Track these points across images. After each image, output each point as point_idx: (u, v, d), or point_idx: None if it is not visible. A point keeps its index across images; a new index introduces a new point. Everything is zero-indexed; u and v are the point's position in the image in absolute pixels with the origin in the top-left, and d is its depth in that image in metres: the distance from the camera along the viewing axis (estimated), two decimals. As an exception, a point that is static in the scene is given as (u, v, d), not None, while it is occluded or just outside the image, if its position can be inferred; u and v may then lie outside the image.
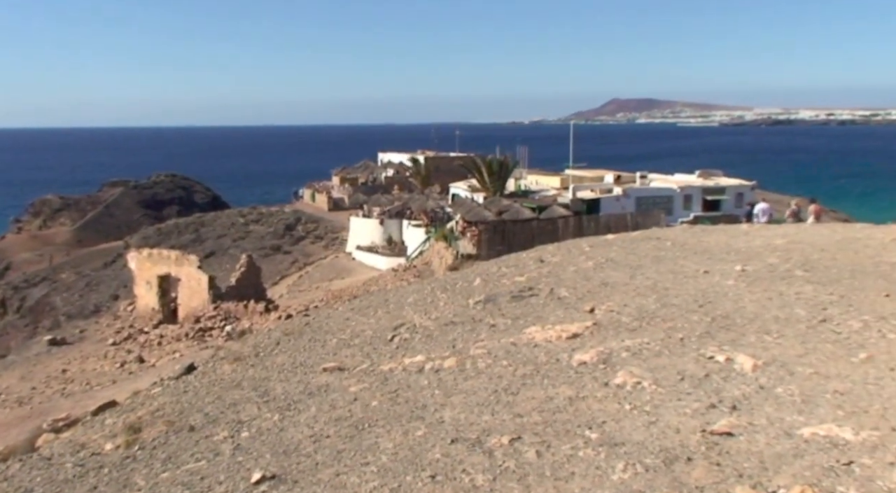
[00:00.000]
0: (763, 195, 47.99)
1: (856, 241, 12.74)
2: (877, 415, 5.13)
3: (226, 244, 62.35)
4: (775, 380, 5.93)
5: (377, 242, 56.24)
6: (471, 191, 56.61)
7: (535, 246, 17.15)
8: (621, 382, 6.19)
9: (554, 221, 41.97)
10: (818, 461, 4.48)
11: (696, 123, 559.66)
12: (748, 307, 8.33)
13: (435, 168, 79.10)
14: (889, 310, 7.87)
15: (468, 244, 39.38)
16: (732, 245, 13.03)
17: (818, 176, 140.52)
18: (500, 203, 47.66)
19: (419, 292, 12.51)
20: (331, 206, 76.42)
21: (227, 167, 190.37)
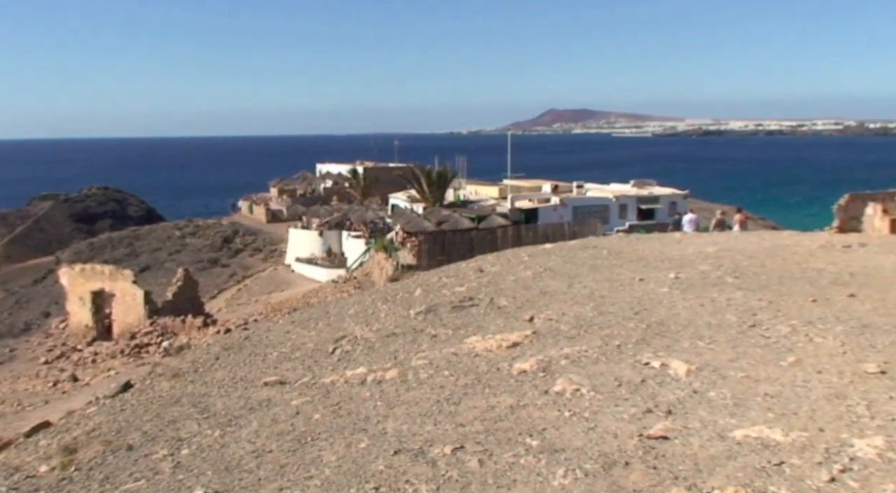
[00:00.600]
0: (695, 204, 49.03)
1: (784, 248, 13.17)
2: (805, 416, 5.33)
3: (161, 258, 61.15)
4: (708, 384, 6.11)
5: (317, 254, 55.83)
6: (410, 201, 56.68)
7: (474, 256, 17.28)
8: (561, 389, 6.29)
9: (493, 230, 42.26)
10: (750, 463, 4.64)
11: (630, 133, 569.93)
12: (682, 314, 8.55)
13: (374, 179, 78.92)
14: (816, 315, 8.17)
15: (408, 255, 39.39)
16: (666, 253, 13.34)
17: (748, 185, 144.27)
18: (439, 213, 47.81)
19: (360, 303, 12.50)
20: (269, 218, 75.62)
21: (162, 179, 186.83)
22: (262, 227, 71.39)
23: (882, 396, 5.65)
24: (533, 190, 55.09)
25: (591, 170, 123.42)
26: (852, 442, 4.82)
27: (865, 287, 9.72)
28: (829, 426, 5.12)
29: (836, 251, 12.95)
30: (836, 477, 4.39)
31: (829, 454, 4.68)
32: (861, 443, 4.80)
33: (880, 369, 6.23)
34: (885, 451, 4.66)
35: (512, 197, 50.53)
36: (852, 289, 9.58)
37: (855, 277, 10.47)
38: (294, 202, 79.60)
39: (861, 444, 4.78)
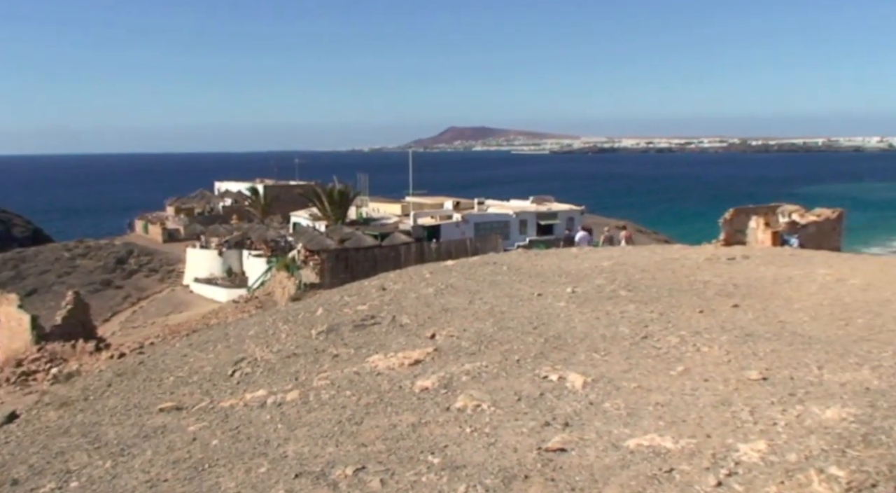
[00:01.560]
0: (591, 219, 50.38)
1: (673, 261, 13.68)
2: (693, 424, 5.57)
3: (50, 281, 58.66)
4: (603, 395, 6.30)
5: (216, 274, 54.66)
6: (312, 219, 56.23)
7: (378, 273, 17.27)
8: (462, 405, 6.37)
9: (396, 247, 42.37)
10: (642, 471, 4.81)
11: (528, 150, 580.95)
12: (578, 327, 8.79)
13: (275, 197, 77.98)
14: (703, 325, 8.54)
15: (311, 273, 39.05)
16: (564, 268, 13.66)
17: (640, 200, 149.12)
18: (341, 231, 47.61)
19: (260, 324, 12.31)
20: (165, 237, 73.65)
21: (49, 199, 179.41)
22: (158, 247, 69.44)
23: (764, 401, 5.95)
24: (435, 207, 55.53)
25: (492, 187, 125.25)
26: (737, 447, 5.06)
27: (748, 298, 10.23)
28: (715, 432, 5.36)
29: (721, 264, 13.55)
30: (723, 481, 4.60)
31: (716, 460, 4.90)
32: (745, 447, 5.04)
33: (762, 376, 6.58)
34: (768, 454, 4.91)
35: (414, 214, 50.80)
36: (736, 299, 10.07)
37: (738, 288, 11.00)
38: (192, 221, 77.80)
39: (745, 448, 5.03)
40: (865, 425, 5.32)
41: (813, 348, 7.50)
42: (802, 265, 13.19)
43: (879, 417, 5.47)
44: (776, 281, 11.54)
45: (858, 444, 4.99)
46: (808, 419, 5.50)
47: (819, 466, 4.68)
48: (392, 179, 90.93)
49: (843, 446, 4.97)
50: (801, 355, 7.28)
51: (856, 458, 4.77)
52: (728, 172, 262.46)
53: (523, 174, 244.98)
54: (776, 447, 5.02)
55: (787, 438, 5.18)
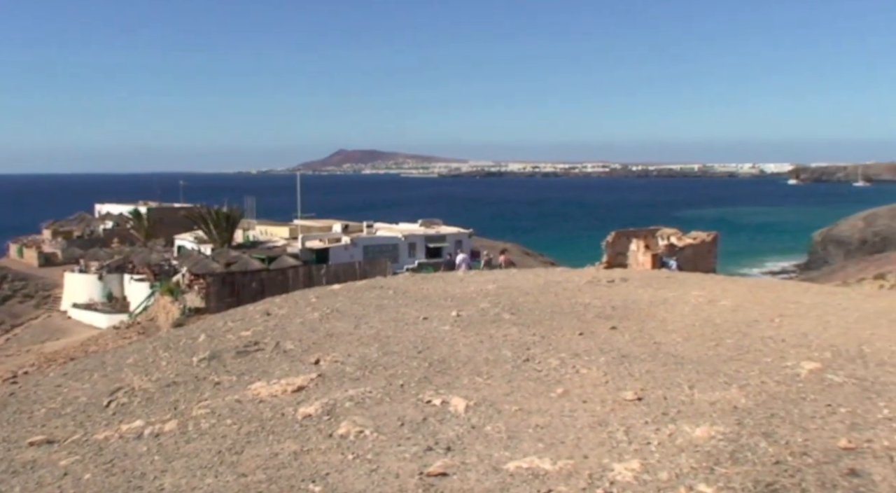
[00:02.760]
0: (479, 242, 51.03)
1: (556, 284, 14.01)
2: (571, 445, 5.69)
3: (-87, 308, 55.03)
4: (485, 419, 6.37)
5: (96, 299, 52.47)
6: (198, 242, 54.88)
7: (265, 297, 16.98)
8: (345, 432, 6.31)
9: (284, 271, 41.74)
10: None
11: (417, 174, 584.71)
12: (462, 351, 8.87)
13: (158, 220, 75.62)
14: (582, 347, 8.77)
15: (196, 298, 38.01)
16: (449, 291, 13.78)
17: (526, 224, 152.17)
18: (228, 254, 46.61)
19: (140, 351, 11.87)
20: (41, 261, 70.24)
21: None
22: (33, 271, 66.16)
23: (638, 421, 6.15)
24: (324, 230, 55.13)
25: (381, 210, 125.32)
26: (612, 467, 5.20)
27: (625, 319, 10.57)
28: (592, 453, 5.50)
29: (601, 286, 13.96)
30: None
31: (593, 479, 5.02)
32: (620, 467, 5.19)
33: (637, 396, 6.80)
34: (641, 473, 5.07)
35: (303, 237, 50.28)
36: (614, 322, 10.39)
37: (616, 310, 11.36)
38: (70, 245, 74.48)
39: (620, 468, 5.18)
40: (733, 442, 5.57)
41: (685, 369, 7.81)
42: (677, 287, 13.74)
43: (746, 434, 5.74)
44: (652, 303, 11.97)
45: (726, 461, 5.22)
46: (679, 438, 5.72)
47: (689, 483, 4.87)
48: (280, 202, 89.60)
49: (711, 463, 5.19)
50: (674, 375, 7.57)
51: (723, 475, 4.99)
52: (610, 196, 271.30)
53: (412, 197, 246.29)
54: (649, 465, 5.19)
55: (660, 457, 5.36)
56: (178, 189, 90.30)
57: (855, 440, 5.53)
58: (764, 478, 4.88)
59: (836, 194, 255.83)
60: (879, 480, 4.84)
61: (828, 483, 4.79)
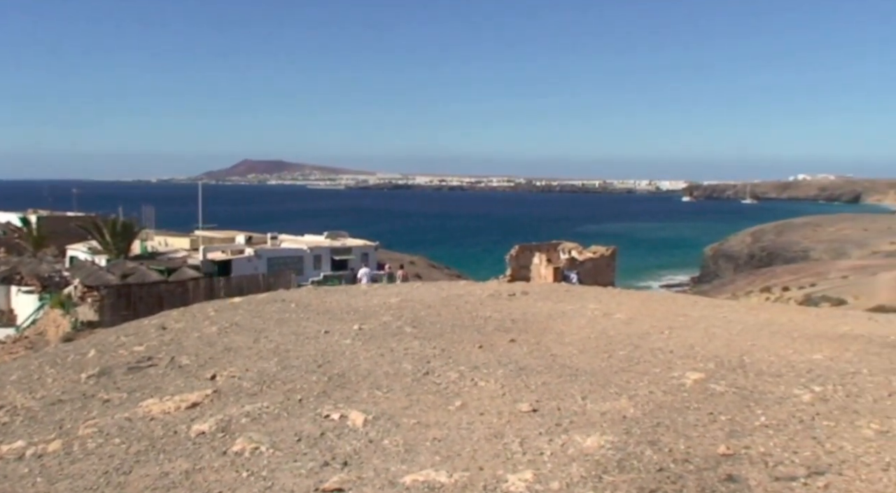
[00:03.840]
0: (385, 255, 51.00)
1: (458, 297, 14.16)
2: (468, 457, 5.78)
3: None
4: (383, 433, 6.39)
5: (-21, 313, 49.89)
6: (92, 253, 52.97)
7: (164, 310, 16.53)
8: (240, 449, 6.23)
9: (184, 283, 40.73)
10: (417, 506, 4.93)
11: (324, 185, 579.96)
12: (362, 365, 8.87)
13: (49, 229, 72.59)
14: (481, 360, 8.90)
15: (89, 311, 36.66)
16: (352, 305, 13.75)
17: (435, 237, 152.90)
18: (124, 266, 45.18)
19: (24, 368, 11.38)
20: (-85, 273, 66.32)
21: None
22: None
23: (533, 432, 6.29)
24: (226, 241, 54.03)
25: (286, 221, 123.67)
26: (507, 478, 5.30)
27: (524, 332, 10.79)
28: (487, 465, 5.59)
29: (502, 300, 14.20)
30: (491, 512, 4.81)
31: (487, 491, 5.11)
32: (514, 478, 5.30)
33: (532, 408, 6.95)
34: (533, 483, 5.19)
35: (204, 248, 49.16)
36: (513, 334, 10.59)
37: (516, 323, 11.58)
38: (-51, 255, 70.62)
39: (514, 479, 5.28)
40: (621, 451, 5.76)
41: (579, 380, 8.03)
42: (575, 301, 14.10)
43: (633, 443, 5.94)
44: (551, 316, 12.25)
45: (614, 469, 5.40)
46: (571, 448, 5.87)
47: (578, 492, 5.02)
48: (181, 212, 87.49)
49: (600, 472, 5.35)
50: (569, 386, 7.77)
51: (610, 483, 5.15)
52: (515, 210, 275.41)
53: (318, 209, 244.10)
54: (541, 475, 5.32)
55: (552, 466, 5.50)
56: (72, 197, 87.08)
57: (733, 446, 5.80)
58: (648, 485, 5.07)
59: (726, 211, 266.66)
60: (755, 485, 5.10)
61: (707, 489, 5.02)
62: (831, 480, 5.19)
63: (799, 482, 5.16)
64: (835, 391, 7.57)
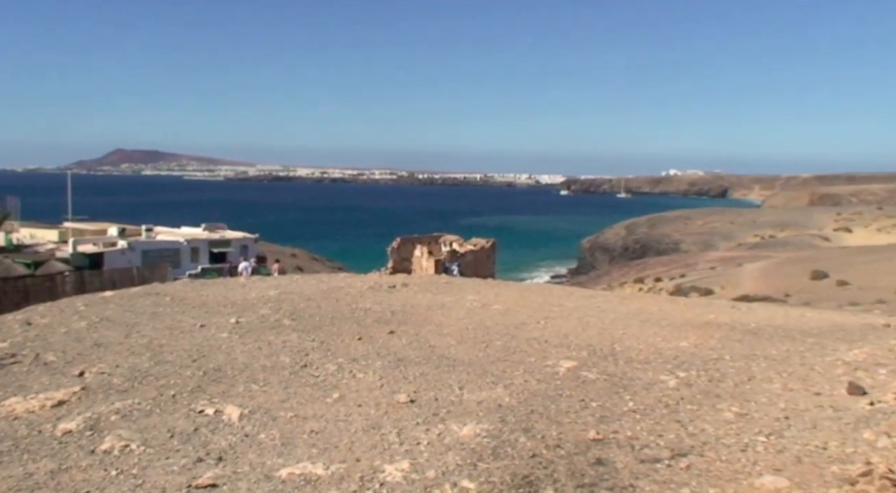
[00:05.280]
0: (266, 247, 50.10)
1: (338, 289, 14.09)
2: (345, 449, 5.79)
3: None
4: (259, 427, 6.32)
5: None
6: (-53, 246, 49.74)
7: (31, 305, 15.71)
8: (109, 447, 6.03)
9: (52, 277, 38.80)
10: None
11: (202, 176, 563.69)
12: (239, 359, 8.72)
13: None
14: (360, 352, 8.91)
15: (-57, 308, 34.42)
16: (230, 298, 13.47)
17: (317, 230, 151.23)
18: (-16, 260, 42.64)
19: None
20: None
21: None
22: None
23: (410, 423, 6.36)
24: (98, 233, 51.80)
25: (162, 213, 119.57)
26: (383, 468, 5.35)
27: (403, 324, 10.87)
28: (364, 456, 5.62)
29: (382, 292, 14.23)
30: (367, 502, 4.85)
31: (363, 482, 5.14)
32: (391, 468, 5.35)
33: (410, 399, 7.02)
34: (410, 473, 5.25)
35: (74, 241, 46.98)
36: (392, 326, 10.65)
37: (395, 315, 11.64)
38: None
39: (391, 469, 5.33)
40: (495, 439, 5.90)
41: (456, 370, 8.15)
42: (454, 292, 14.28)
43: (508, 431, 6.10)
44: (430, 307, 12.37)
45: (488, 457, 5.53)
46: (447, 437, 5.97)
47: (454, 480, 5.11)
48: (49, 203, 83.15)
49: (475, 459, 5.47)
50: (446, 376, 7.88)
51: (485, 470, 5.28)
52: (397, 203, 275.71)
53: (196, 200, 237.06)
54: (418, 465, 5.39)
55: (429, 456, 5.58)
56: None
57: (603, 431, 6.05)
58: (521, 471, 5.22)
59: (602, 205, 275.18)
60: (622, 467, 5.33)
61: (577, 473, 5.21)
62: (693, 461, 5.48)
63: (663, 463, 5.42)
64: (698, 377, 7.99)
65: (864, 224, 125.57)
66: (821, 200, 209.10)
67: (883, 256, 71.47)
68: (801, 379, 7.91)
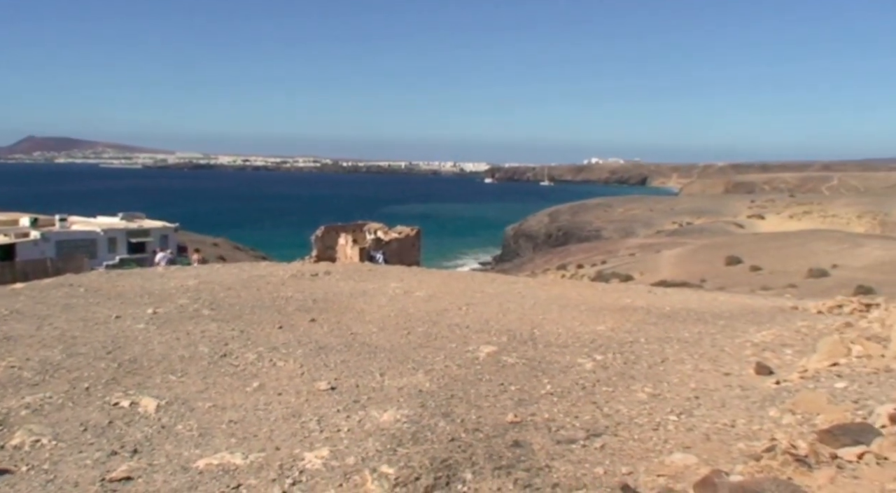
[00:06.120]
0: (187, 237, 49.11)
1: (259, 278, 13.93)
2: (264, 438, 5.75)
3: None
4: (176, 418, 6.23)
5: None
6: None
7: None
8: (19, 442, 5.85)
9: (-43, 270, 37.31)
10: (211, 490, 4.85)
11: (119, 164, 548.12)
12: (156, 349, 8.56)
13: None
14: (281, 340, 8.85)
15: None
16: (147, 288, 13.18)
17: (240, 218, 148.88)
18: None
19: None
20: None
21: None
22: None
23: (331, 410, 6.36)
24: (9, 224, 49.94)
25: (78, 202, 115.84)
26: (303, 456, 5.34)
27: (325, 312, 10.83)
28: (284, 444, 5.60)
29: (304, 280, 14.14)
30: (287, 491, 4.83)
31: (283, 470, 5.12)
32: (311, 455, 5.34)
33: (331, 386, 7.02)
34: (330, 460, 5.26)
35: (-19, 232, 45.22)
36: (314, 314, 10.60)
37: (317, 303, 11.58)
38: None
39: (311, 456, 5.33)
40: (415, 424, 5.95)
41: (378, 357, 8.18)
42: (377, 280, 14.28)
43: (427, 415, 6.16)
44: (352, 295, 12.35)
45: (408, 442, 5.57)
46: (367, 423, 6.00)
47: (373, 466, 5.14)
48: (-46, 192, 79.91)
49: (395, 445, 5.51)
50: (367, 363, 7.90)
51: (405, 455, 5.32)
52: (321, 191, 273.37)
53: (113, 189, 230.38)
54: (338, 452, 5.40)
55: (349, 442, 5.60)
56: None
57: (521, 414, 6.16)
58: (440, 455, 5.28)
59: (525, 192, 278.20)
60: (538, 448, 5.44)
61: (494, 455, 5.30)
62: (607, 441, 5.63)
63: (578, 444, 5.56)
64: (614, 359, 8.20)
65: (777, 211, 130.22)
66: (735, 188, 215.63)
67: (794, 242, 74.30)
68: (712, 360, 8.19)
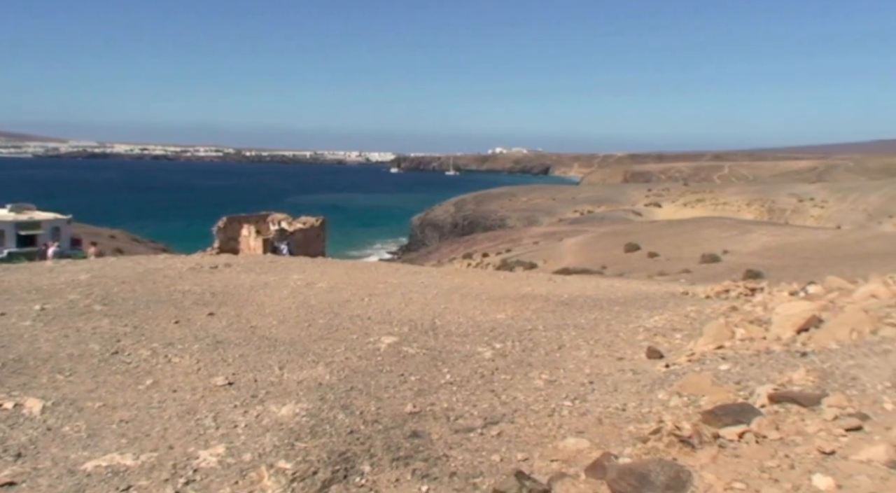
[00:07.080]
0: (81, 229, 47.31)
1: (156, 272, 13.52)
2: (157, 437, 5.58)
3: None
4: (63, 419, 5.98)
5: None
6: None
7: None
8: None
9: None
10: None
11: (8, 153, 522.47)
12: (43, 347, 8.20)
13: None
14: (177, 336, 8.61)
15: None
16: (35, 283, 12.61)
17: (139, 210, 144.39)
18: None
19: None
20: None
21: None
22: None
23: (228, 406, 6.22)
24: None
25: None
26: (198, 454, 5.21)
27: (224, 305, 10.59)
28: (178, 443, 5.45)
29: (203, 272, 13.79)
30: (180, 490, 4.70)
31: (176, 470, 4.98)
32: (205, 453, 5.22)
33: (228, 381, 6.87)
34: (225, 457, 5.15)
35: None
36: (212, 308, 10.35)
37: (216, 296, 11.32)
38: None
39: (205, 454, 5.20)
40: (314, 417, 5.89)
41: (277, 350, 8.06)
42: (279, 271, 14.06)
43: (327, 408, 6.10)
44: (253, 288, 12.12)
45: (306, 436, 5.51)
46: (265, 418, 5.90)
47: (270, 461, 5.06)
48: None
49: (293, 439, 5.44)
50: (266, 357, 7.77)
51: (302, 449, 5.26)
52: (223, 181, 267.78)
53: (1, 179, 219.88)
54: (234, 448, 5.29)
55: (246, 438, 5.49)
56: None
57: (420, 404, 6.17)
58: (338, 448, 5.24)
59: (431, 182, 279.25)
60: (437, 438, 5.47)
61: (393, 446, 5.30)
62: (504, 428, 5.70)
63: (476, 432, 5.61)
64: (513, 347, 8.31)
65: (672, 199, 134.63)
66: (633, 177, 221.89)
67: (688, 229, 76.97)
68: (607, 345, 8.40)
